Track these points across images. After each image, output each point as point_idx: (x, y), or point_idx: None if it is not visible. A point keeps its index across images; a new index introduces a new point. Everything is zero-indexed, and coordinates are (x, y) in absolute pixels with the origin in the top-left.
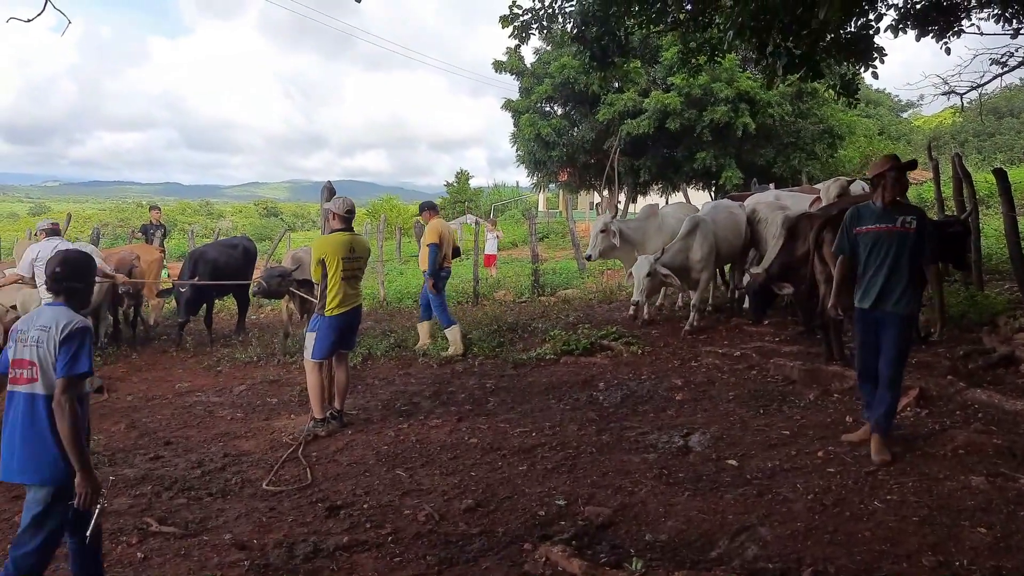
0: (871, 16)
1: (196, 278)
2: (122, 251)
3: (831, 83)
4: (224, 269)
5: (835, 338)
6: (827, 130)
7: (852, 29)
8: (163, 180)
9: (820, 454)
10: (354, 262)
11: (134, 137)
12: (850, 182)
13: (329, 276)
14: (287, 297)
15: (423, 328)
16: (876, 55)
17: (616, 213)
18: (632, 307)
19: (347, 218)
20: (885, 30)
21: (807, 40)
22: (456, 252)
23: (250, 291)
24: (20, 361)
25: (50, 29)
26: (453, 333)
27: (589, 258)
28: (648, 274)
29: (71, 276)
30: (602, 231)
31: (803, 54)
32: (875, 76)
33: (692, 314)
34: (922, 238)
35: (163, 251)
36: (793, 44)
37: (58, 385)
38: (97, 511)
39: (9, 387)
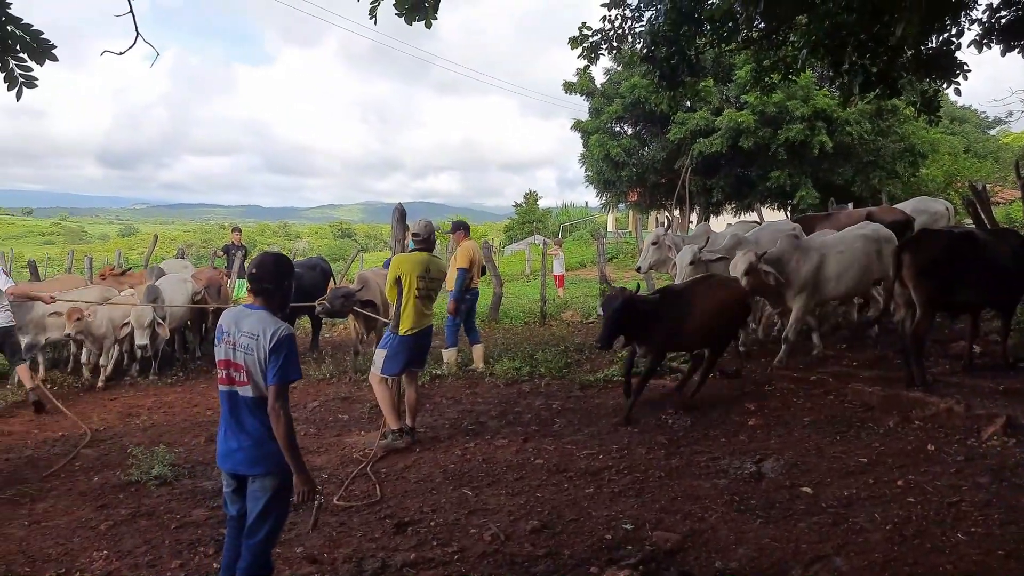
0: (952, 31)
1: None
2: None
3: (912, 100)
4: (308, 288)
5: (916, 363)
6: (909, 148)
7: (933, 45)
8: (245, 203)
9: (899, 483)
10: (429, 282)
11: (219, 161)
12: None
13: (404, 294)
14: (353, 316)
15: (476, 351)
16: (959, 71)
17: (680, 231)
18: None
19: (427, 239)
20: (968, 46)
21: (884, 57)
22: (481, 271)
23: (315, 311)
24: (227, 363)
25: (143, 58)
26: (450, 354)
27: (639, 270)
28: (691, 262)
29: (267, 278)
30: (654, 243)
31: (880, 72)
32: (958, 93)
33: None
34: None
35: (243, 272)
36: (869, 61)
37: (271, 392)
38: (316, 507)
39: (220, 386)
